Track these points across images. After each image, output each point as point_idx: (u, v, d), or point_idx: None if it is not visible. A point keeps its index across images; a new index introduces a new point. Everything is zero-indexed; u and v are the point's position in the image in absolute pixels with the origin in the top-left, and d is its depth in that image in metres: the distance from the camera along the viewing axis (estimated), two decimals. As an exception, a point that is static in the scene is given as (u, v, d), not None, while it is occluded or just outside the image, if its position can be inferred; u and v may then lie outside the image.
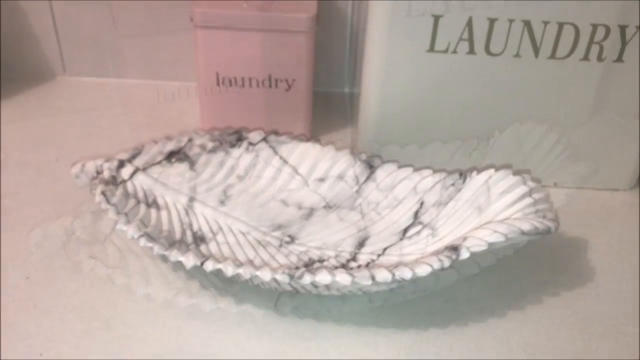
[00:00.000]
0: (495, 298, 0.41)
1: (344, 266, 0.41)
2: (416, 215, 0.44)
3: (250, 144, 0.47)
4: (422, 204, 0.44)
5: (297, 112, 0.53)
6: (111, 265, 0.41)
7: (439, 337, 0.39)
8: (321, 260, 0.42)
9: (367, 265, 0.42)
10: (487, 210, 0.41)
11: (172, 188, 0.45)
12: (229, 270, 0.37)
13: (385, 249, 0.43)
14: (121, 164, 0.44)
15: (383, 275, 0.36)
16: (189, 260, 0.37)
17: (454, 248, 0.37)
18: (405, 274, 0.36)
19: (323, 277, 0.36)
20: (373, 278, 0.36)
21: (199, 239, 0.42)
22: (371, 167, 0.46)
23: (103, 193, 0.42)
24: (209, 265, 0.37)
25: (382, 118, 0.48)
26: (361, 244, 0.43)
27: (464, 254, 0.36)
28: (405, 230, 0.44)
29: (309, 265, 0.41)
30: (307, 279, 0.36)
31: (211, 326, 0.38)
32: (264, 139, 0.47)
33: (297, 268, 0.40)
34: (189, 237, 0.42)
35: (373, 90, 0.47)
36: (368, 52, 0.46)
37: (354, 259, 0.42)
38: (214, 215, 0.44)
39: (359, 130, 0.50)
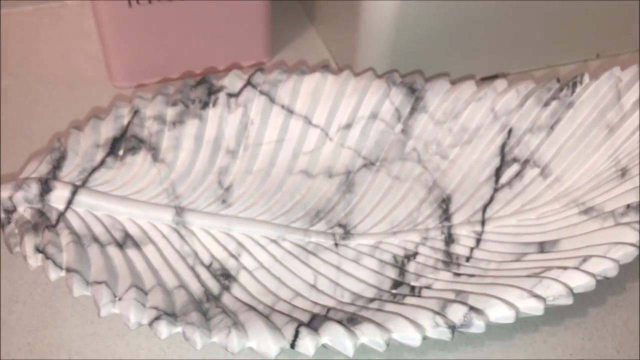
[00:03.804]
0: None
1: (450, 257, 0.28)
2: (503, 150, 0.31)
3: (230, 95, 0.30)
4: (510, 132, 0.31)
5: (251, 26, 0.35)
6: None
7: None
8: (409, 256, 0.28)
9: (478, 244, 0.28)
10: (621, 128, 0.29)
11: (140, 201, 0.27)
12: (346, 345, 0.21)
13: (484, 211, 0.30)
14: (46, 185, 0.26)
15: (580, 281, 0.23)
16: (270, 347, 0.21)
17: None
18: (607, 268, 0.23)
19: (502, 313, 0.22)
20: (571, 291, 0.23)
21: (223, 278, 0.26)
22: (414, 92, 0.31)
23: (40, 250, 0.23)
24: (308, 345, 0.22)
25: (401, 17, 0.32)
26: (445, 212, 0.30)
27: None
28: (498, 176, 0.30)
29: (402, 269, 0.27)
30: (478, 324, 0.22)
31: None
32: (249, 83, 0.30)
33: (412, 290, 0.26)
34: (210, 282, 0.26)
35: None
36: None
37: (450, 238, 0.29)
38: (221, 227, 0.28)
39: (359, 39, 0.34)
